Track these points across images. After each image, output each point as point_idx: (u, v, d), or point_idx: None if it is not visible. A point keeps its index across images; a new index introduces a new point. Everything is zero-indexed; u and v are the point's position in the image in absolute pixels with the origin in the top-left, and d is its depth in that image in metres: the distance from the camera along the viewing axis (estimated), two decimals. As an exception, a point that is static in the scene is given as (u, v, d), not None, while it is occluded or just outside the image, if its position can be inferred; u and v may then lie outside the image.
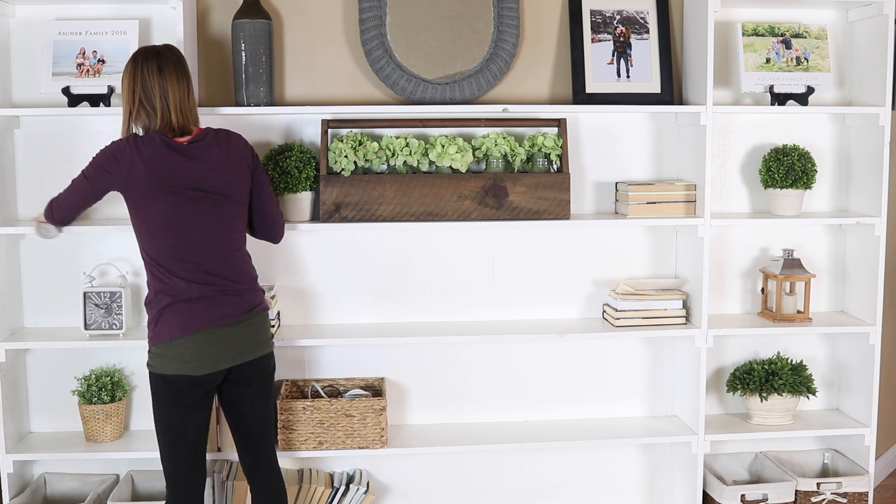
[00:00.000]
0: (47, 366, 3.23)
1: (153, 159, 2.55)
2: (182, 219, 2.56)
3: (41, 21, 3.06)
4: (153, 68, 2.58)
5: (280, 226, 2.90)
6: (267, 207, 2.82)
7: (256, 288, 2.72)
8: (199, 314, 2.56)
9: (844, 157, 3.44)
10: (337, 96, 3.24)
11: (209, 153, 2.62)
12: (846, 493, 3.28)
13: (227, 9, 3.14)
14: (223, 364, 2.60)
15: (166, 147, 2.57)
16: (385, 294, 3.32)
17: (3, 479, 3.05)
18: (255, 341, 2.68)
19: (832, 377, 3.52)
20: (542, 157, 3.16)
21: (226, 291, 2.61)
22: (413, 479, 3.41)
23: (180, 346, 2.55)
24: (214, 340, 2.58)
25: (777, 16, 3.34)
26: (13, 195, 3.15)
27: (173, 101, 2.59)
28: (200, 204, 2.58)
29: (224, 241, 2.64)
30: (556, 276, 3.38)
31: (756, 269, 3.46)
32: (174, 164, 2.56)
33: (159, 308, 2.58)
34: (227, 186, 2.63)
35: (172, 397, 2.60)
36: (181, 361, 2.56)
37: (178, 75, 2.61)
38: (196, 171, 2.58)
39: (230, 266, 2.64)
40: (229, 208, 2.65)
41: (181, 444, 2.64)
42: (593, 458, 3.47)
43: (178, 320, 2.55)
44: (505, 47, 3.18)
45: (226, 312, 2.60)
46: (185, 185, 2.56)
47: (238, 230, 2.70)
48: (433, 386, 3.38)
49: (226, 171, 2.64)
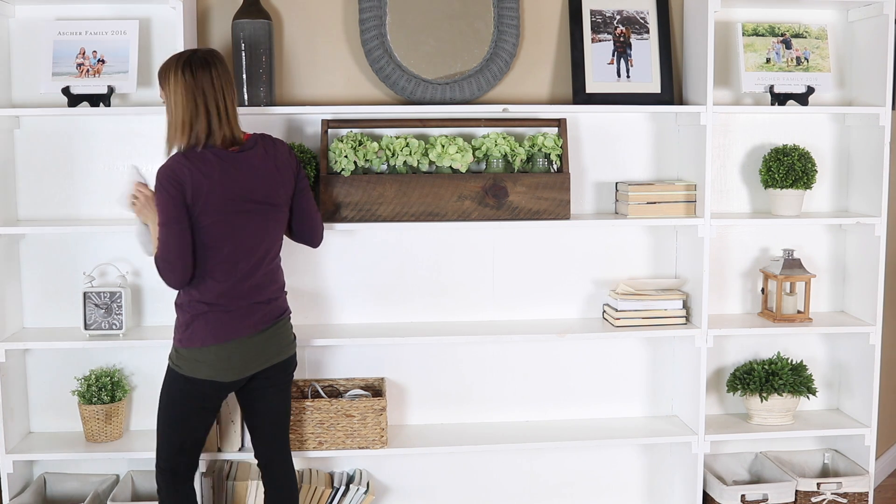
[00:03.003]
0: (47, 366, 3.23)
1: (211, 174, 2.51)
2: (235, 232, 2.57)
3: (41, 21, 3.05)
4: (207, 79, 2.51)
5: (320, 230, 2.88)
6: (308, 213, 2.80)
7: (283, 295, 2.76)
8: (232, 324, 2.60)
9: (844, 157, 3.44)
10: (337, 96, 3.24)
11: (260, 163, 2.60)
12: (846, 494, 3.28)
13: (227, 9, 3.14)
14: (250, 371, 2.66)
15: (219, 160, 2.53)
16: (385, 294, 3.32)
17: (3, 479, 3.05)
18: (281, 346, 2.73)
19: (832, 377, 3.52)
20: (542, 157, 3.16)
21: (258, 301, 2.64)
22: (413, 479, 3.41)
23: (212, 353, 2.58)
24: (244, 349, 2.62)
25: (777, 16, 3.34)
26: (13, 195, 3.15)
27: (225, 112, 2.53)
28: (250, 216, 2.59)
29: (264, 252, 2.65)
30: (556, 276, 3.38)
31: (756, 269, 3.46)
32: (229, 177, 2.54)
33: (193, 314, 2.59)
34: (275, 196, 2.64)
35: (194, 399, 2.64)
36: (210, 368, 2.59)
37: (230, 84, 2.57)
38: (249, 182, 2.58)
39: (265, 276, 2.66)
40: (276, 217, 2.66)
41: (188, 442, 2.70)
42: (593, 458, 3.47)
43: (212, 328, 2.58)
44: (505, 47, 3.18)
45: (256, 322, 2.64)
46: (240, 196, 2.56)
47: (279, 239, 2.71)
48: (433, 386, 3.38)
49: (273, 181, 2.63)
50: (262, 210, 2.62)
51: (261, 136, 2.68)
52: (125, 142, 3.16)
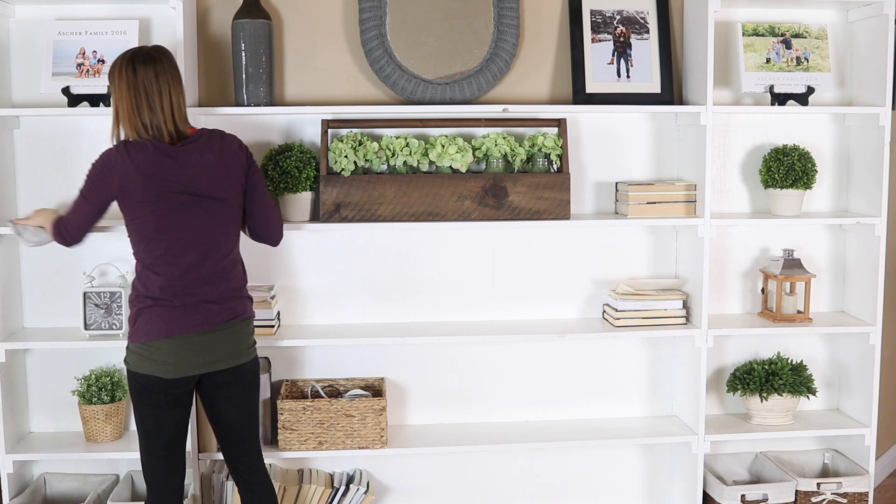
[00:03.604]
0: (47, 366, 3.23)
1: (146, 166, 2.52)
2: (173, 224, 2.54)
3: (41, 21, 3.06)
4: (150, 74, 2.53)
5: (277, 229, 2.82)
6: (262, 210, 2.74)
7: (241, 296, 2.67)
8: (176, 319, 2.54)
9: (844, 157, 3.44)
10: (337, 96, 3.24)
11: (202, 156, 2.57)
12: (846, 494, 3.28)
13: (227, 9, 3.14)
14: (194, 370, 2.58)
15: (158, 152, 2.53)
16: (385, 294, 3.32)
17: (3, 479, 3.04)
18: (233, 351, 2.63)
19: (832, 377, 3.52)
20: (542, 157, 3.16)
21: (207, 299, 2.58)
22: (413, 479, 3.41)
23: (154, 347, 2.54)
24: (187, 346, 2.55)
25: (777, 16, 3.34)
26: (13, 195, 3.15)
27: (168, 107, 2.54)
28: (192, 209, 2.55)
29: (213, 247, 2.59)
30: (556, 276, 3.38)
31: (756, 269, 3.46)
32: (167, 170, 2.53)
33: (139, 308, 2.57)
34: (219, 189, 2.59)
35: (144, 395, 2.59)
36: (153, 363, 2.54)
37: (175, 79, 2.57)
38: (188, 175, 2.55)
39: (216, 272, 2.60)
40: (221, 212, 2.61)
41: (155, 441, 2.63)
42: (593, 458, 3.47)
43: (155, 322, 2.54)
44: (505, 47, 3.18)
45: (203, 320, 2.56)
46: (178, 189, 2.53)
47: (230, 235, 2.65)
48: (433, 386, 3.38)
49: (218, 174, 2.59)
50: (204, 203, 2.57)
51: (210, 131, 2.65)
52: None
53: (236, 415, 2.69)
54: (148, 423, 2.61)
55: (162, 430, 2.62)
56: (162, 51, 2.60)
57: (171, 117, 2.55)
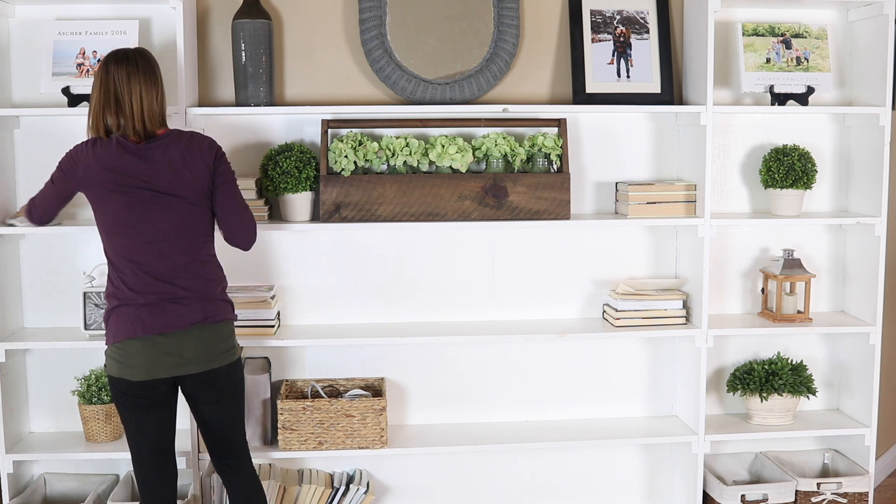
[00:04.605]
0: (47, 366, 3.23)
1: (106, 160, 2.52)
2: (133, 219, 2.52)
3: (41, 21, 3.06)
4: (122, 74, 2.53)
5: (243, 231, 2.68)
6: (226, 212, 2.64)
7: (216, 297, 2.61)
8: (141, 320, 2.51)
9: (844, 157, 3.44)
10: (337, 96, 3.24)
11: (164, 154, 2.55)
12: (846, 494, 3.28)
13: (227, 9, 3.14)
14: (161, 374, 2.53)
15: (120, 148, 2.53)
16: (385, 294, 3.32)
17: (3, 479, 3.04)
18: (203, 354, 2.57)
19: (832, 377, 3.52)
20: (542, 157, 3.16)
21: (171, 298, 2.54)
22: (413, 479, 3.41)
23: (121, 349, 2.52)
24: (153, 349, 2.52)
25: (777, 16, 3.34)
26: (13, 195, 3.15)
27: (138, 108, 2.53)
28: (152, 205, 2.53)
29: (178, 245, 2.56)
30: (556, 276, 3.38)
31: (756, 269, 3.46)
32: (127, 165, 2.52)
33: (109, 308, 2.57)
34: (179, 187, 2.55)
35: (121, 399, 2.57)
36: (120, 365, 2.53)
37: (147, 81, 2.56)
38: (148, 171, 2.53)
39: (184, 271, 2.56)
40: (184, 209, 2.56)
41: (140, 443, 2.61)
42: (593, 458, 3.47)
43: (122, 324, 2.52)
44: (505, 47, 3.18)
45: (169, 321, 2.52)
46: (136, 185, 2.52)
47: (196, 234, 2.59)
48: (433, 386, 3.38)
49: (179, 172, 2.55)
50: (164, 200, 2.54)
51: (178, 131, 2.63)
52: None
53: (216, 418, 2.66)
54: (131, 426, 2.60)
55: (145, 432, 2.60)
56: (140, 52, 2.61)
57: (140, 118, 2.54)
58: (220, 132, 3.10)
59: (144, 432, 2.60)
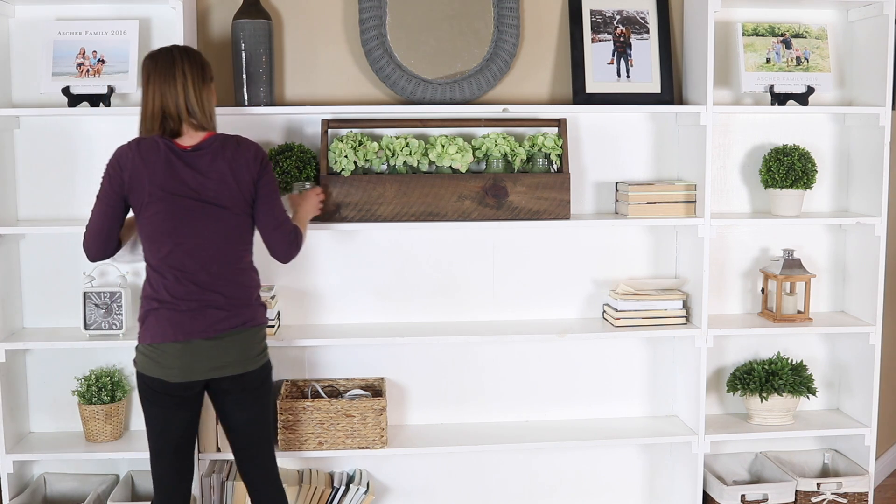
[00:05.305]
0: (47, 366, 3.23)
1: (154, 165, 2.52)
2: (178, 227, 2.54)
3: (41, 21, 3.06)
4: (167, 72, 2.54)
5: (281, 242, 2.68)
6: (265, 222, 2.65)
7: (252, 304, 2.64)
8: (181, 324, 2.54)
9: (844, 157, 3.44)
10: (337, 96, 3.24)
11: (212, 163, 2.56)
12: (846, 494, 3.28)
13: (227, 9, 3.14)
14: (198, 376, 2.57)
15: (169, 151, 2.54)
16: (385, 294, 3.32)
17: (3, 479, 3.05)
18: (240, 358, 2.60)
19: (832, 377, 3.52)
20: (542, 157, 3.16)
21: (213, 305, 2.56)
22: (413, 479, 3.41)
23: (158, 350, 2.54)
24: (190, 352, 2.54)
25: (777, 16, 3.34)
26: (13, 195, 3.15)
27: (182, 109, 2.54)
28: (197, 213, 2.54)
29: (219, 253, 2.58)
30: (556, 276, 3.38)
31: (756, 269, 3.46)
32: (174, 171, 2.53)
33: (146, 309, 2.58)
34: (224, 198, 2.56)
35: (151, 396, 2.59)
36: (157, 366, 2.55)
37: (194, 79, 2.56)
38: (195, 180, 2.54)
39: (225, 279, 2.58)
40: (227, 219, 2.58)
41: (161, 442, 2.63)
42: (593, 458, 3.47)
43: (160, 326, 2.54)
44: (505, 47, 3.18)
45: (208, 325, 2.55)
46: (183, 193, 2.53)
47: (238, 243, 2.62)
48: (433, 386, 3.38)
49: (226, 182, 2.57)
50: (209, 210, 2.55)
51: (224, 137, 2.62)
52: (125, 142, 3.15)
53: (244, 421, 2.68)
54: (156, 424, 2.62)
55: (170, 431, 2.63)
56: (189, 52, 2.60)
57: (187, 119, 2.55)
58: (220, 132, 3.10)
59: (169, 431, 2.62)
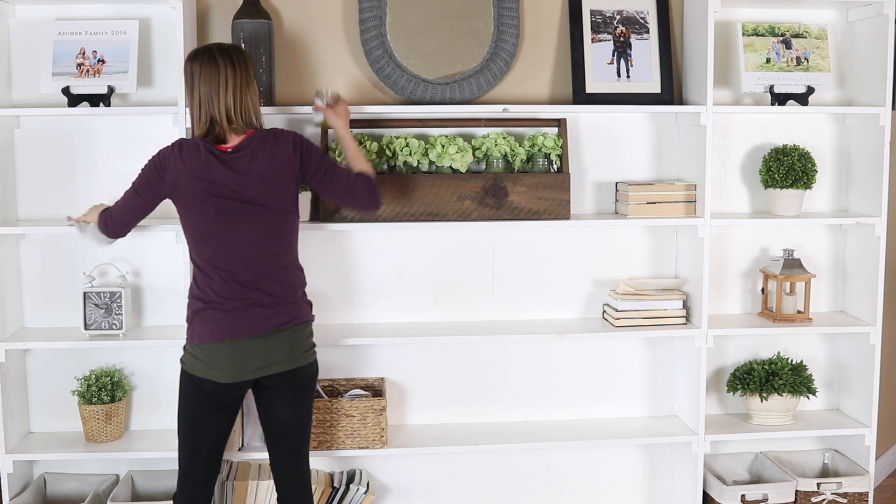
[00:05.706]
0: (47, 366, 3.23)
1: (196, 168, 2.54)
2: (221, 228, 2.56)
3: (41, 21, 3.05)
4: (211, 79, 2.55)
5: (364, 198, 2.74)
6: (337, 191, 2.71)
7: (297, 301, 2.68)
8: (228, 324, 2.56)
9: (844, 157, 3.44)
10: (337, 96, 3.24)
11: (252, 163, 2.57)
12: (846, 494, 3.28)
13: (227, 9, 3.14)
14: (248, 375, 2.60)
15: (210, 155, 2.55)
16: (385, 294, 3.32)
17: (3, 479, 3.05)
18: (288, 354, 2.64)
19: (832, 377, 3.52)
20: (542, 157, 3.16)
21: (259, 303, 2.59)
22: (413, 479, 3.41)
23: (207, 351, 2.57)
24: (240, 351, 2.57)
25: (777, 16, 3.34)
26: (13, 195, 3.15)
27: (221, 107, 2.55)
28: (240, 214, 2.56)
29: (264, 252, 2.60)
30: (556, 276, 3.38)
31: (756, 269, 3.46)
32: (215, 175, 2.54)
33: (193, 310, 2.61)
34: (267, 197, 2.58)
35: (198, 397, 2.62)
36: (206, 367, 2.58)
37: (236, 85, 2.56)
38: (237, 182, 2.55)
39: (268, 278, 2.61)
40: (270, 219, 2.60)
41: (199, 442, 2.67)
42: (593, 458, 3.47)
43: (208, 326, 2.57)
44: (505, 47, 3.18)
45: (255, 324, 2.58)
46: (224, 194, 2.55)
47: (282, 241, 2.64)
48: (433, 386, 3.38)
49: (268, 182, 2.58)
50: (251, 210, 2.57)
51: (262, 133, 2.62)
52: (125, 142, 3.16)
53: (290, 417, 2.70)
54: (196, 425, 2.65)
55: (209, 432, 2.66)
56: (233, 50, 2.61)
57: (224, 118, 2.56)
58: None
59: (209, 431, 2.66)
